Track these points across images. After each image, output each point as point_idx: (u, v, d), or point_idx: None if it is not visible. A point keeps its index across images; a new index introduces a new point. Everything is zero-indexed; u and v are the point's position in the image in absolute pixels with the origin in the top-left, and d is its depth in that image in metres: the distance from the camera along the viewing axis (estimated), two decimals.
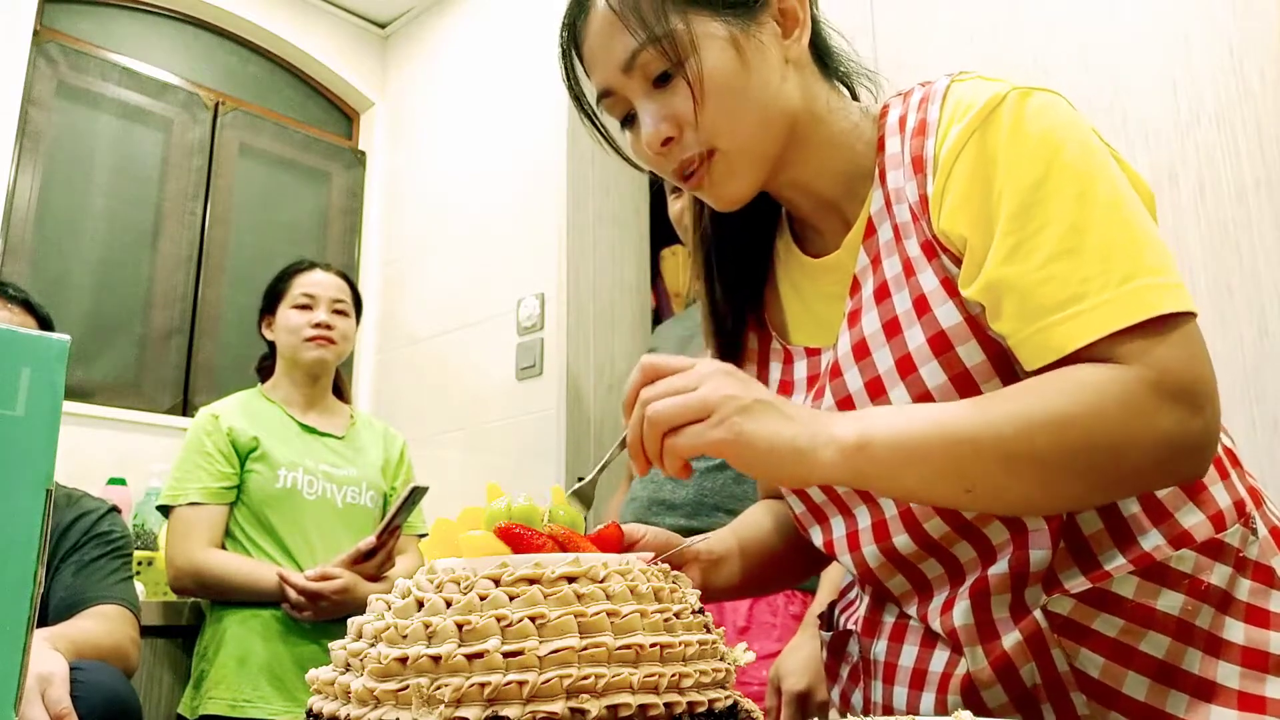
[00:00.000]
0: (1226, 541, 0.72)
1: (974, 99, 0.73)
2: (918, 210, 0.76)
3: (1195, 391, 0.66)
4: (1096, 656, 0.71)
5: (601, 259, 2.75)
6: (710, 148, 0.79)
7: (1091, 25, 1.74)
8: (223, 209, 3.09)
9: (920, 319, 0.75)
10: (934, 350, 0.74)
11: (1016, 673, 0.73)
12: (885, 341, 0.77)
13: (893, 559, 0.81)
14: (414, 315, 3.19)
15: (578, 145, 2.78)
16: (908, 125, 0.78)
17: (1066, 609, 0.72)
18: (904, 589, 0.83)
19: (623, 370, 2.66)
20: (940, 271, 0.75)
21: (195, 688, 1.97)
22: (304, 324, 2.12)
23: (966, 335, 0.73)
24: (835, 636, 0.92)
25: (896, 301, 0.77)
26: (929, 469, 0.66)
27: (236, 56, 3.31)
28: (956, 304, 0.74)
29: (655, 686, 0.53)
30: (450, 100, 3.25)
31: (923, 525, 0.78)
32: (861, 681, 0.87)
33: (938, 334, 0.74)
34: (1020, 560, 0.74)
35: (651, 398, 0.68)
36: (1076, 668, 0.71)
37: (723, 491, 1.66)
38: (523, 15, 3.03)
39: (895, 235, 0.78)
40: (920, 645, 0.81)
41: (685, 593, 0.62)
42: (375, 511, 2.16)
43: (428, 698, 0.51)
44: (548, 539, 0.61)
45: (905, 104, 0.81)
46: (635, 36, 0.77)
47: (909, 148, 0.77)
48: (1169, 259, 0.69)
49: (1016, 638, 0.73)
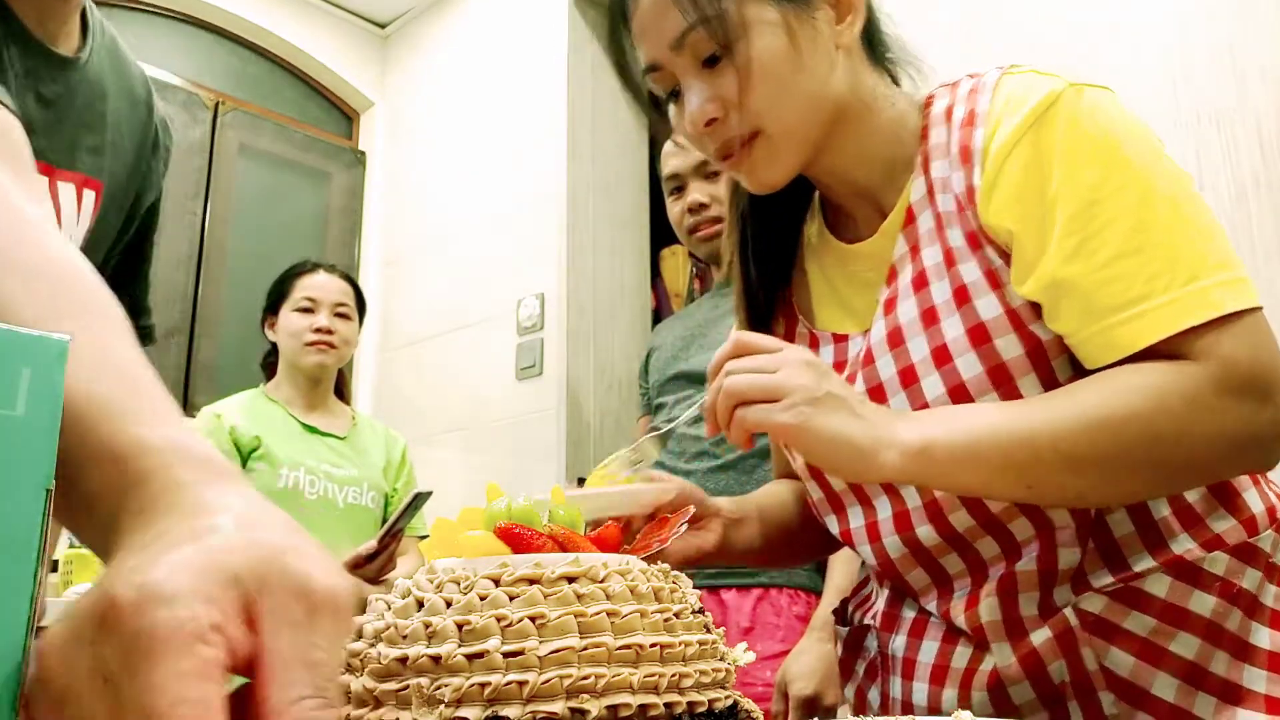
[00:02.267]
0: (1259, 546, 0.72)
1: (1027, 94, 0.73)
2: (964, 200, 0.75)
3: (1264, 383, 0.65)
4: (1126, 656, 0.71)
5: (601, 259, 2.75)
6: (754, 130, 0.78)
7: (1091, 25, 1.74)
8: (223, 209, 3.09)
9: (960, 309, 0.75)
10: (972, 342, 0.74)
11: (1045, 670, 0.73)
12: (922, 330, 0.77)
13: (914, 551, 0.81)
14: (414, 315, 3.19)
15: (578, 145, 2.78)
16: (955, 116, 0.78)
17: (1098, 607, 0.72)
18: (924, 582, 0.82)
19: (623, 370, 2.66)
20: (984, 263, 0.74)
21: None
22: (305, 328, 2.12)
23: (1006, 328, 0.73)
24: (852, 632, 0.92)
25: (935, 291, 0.77)
26: (989, 470, 0.68)
27: (236, 56, 3.31)
28: (999, 297, 0.74)
29: (655, 686, 0.53)
30: (450, 100, 3.25)
31: (947, 517, 0.78)
32: (879, 678, 0.87)
33: (977, 325, 0.74)
34: (1048, 558, 0.74)
35: (734, 370, 0.71)
36: (1106, 667, 0.71)
37: (724, 492, 1.66)
38: (523, 15, 3.03)
39: (937, 224, 0.78)
40: (941, 640, 0.80)
41: (685, 593, 0.62)
42: (376, 512, 2.16)
43: (428, 698, 0.51)
44: (548, 539, 0.61)
45: (953, 94, 0.80)
46: (686, 16, 0.76)
47: (957, 138, 0.77)
48: (1231, 252, 0.69)
49: (1047, 635, 0.73)
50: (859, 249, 0.86)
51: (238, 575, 0.30)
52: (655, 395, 1.93)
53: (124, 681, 0.28)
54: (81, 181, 0.87)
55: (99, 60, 0.91)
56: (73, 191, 0.86)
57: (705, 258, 1.91)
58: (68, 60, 0.86)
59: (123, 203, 0.95)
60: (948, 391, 0.75)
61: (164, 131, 1.03)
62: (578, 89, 2.84)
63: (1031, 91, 0.73)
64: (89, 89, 0.89)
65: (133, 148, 0.95)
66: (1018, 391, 0.73)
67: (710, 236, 1.85)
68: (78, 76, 0.87)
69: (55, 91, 0.84)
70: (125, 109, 0.95)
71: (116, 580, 0.29)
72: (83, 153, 0.88)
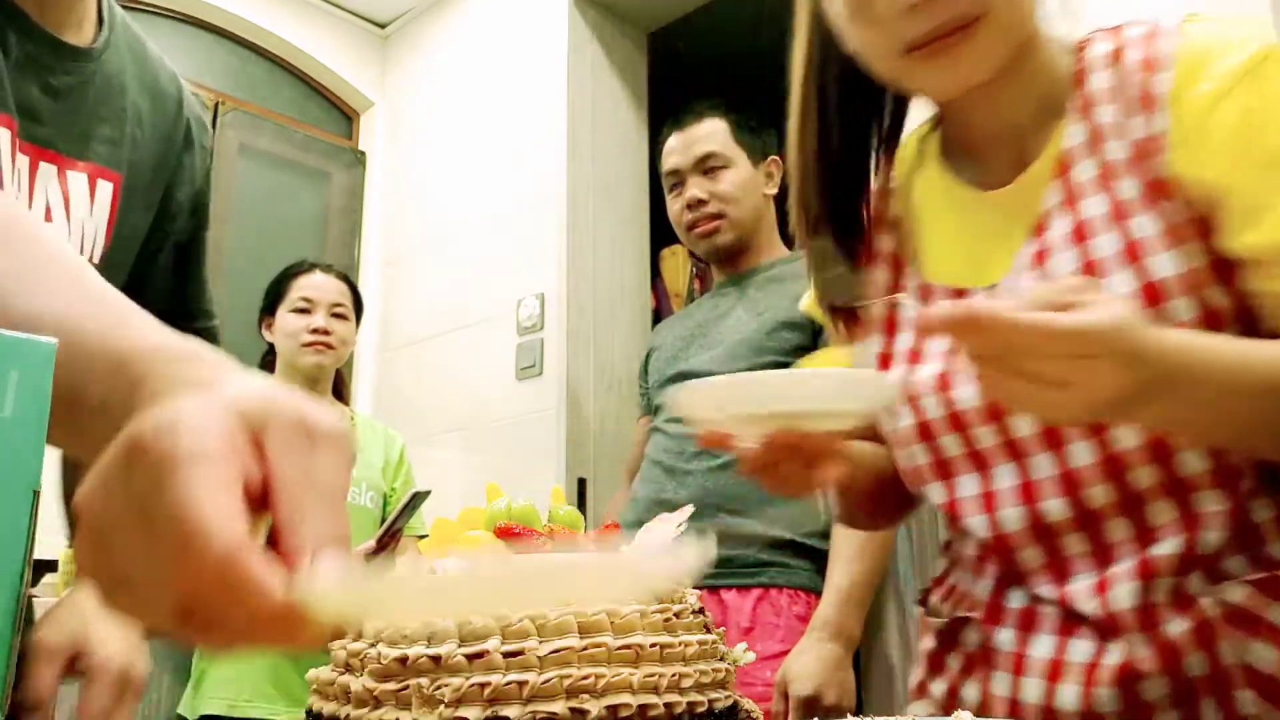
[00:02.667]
0: None
1: (1226, 42, 0.69)
2: (1143, 148, 0.71)
3: None
4: (1270, 650, 0.66)
5: (601, 259, 2.75)
6: (985, 10, 0.71)
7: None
8: (222, 209, 3.09)
9: (1131, 265, 0.70)
10: (1145, 302, 0.69)
11: (1181, 664, 0.68)
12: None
13: (1034, 526, 0.75)
14: (414, 315, 3.19)
15: (578, 145, 2.78)
16: (1126, 59, 0.74)
17: (1240, 597, 0.67)
18: (1037, 563, 0.76)
19: (623, 370, 2.66)
20: (1166, 217, 0.70)
21: (195, 688, 1.97)
22: (301, 329, 2.11)
23: (1182, 289, 0.68)
24: (949, 624, 0.85)
25: (1100, 244, 0.72)
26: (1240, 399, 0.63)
27: (236, 56, 3.31)
28: (1179, 254, 0.69)
29: (655, 686, 0.53)
30: (450, 100, 3.25)
31: (1083, 490, 0.73)
32: (979, 673, 0.81)
33: (1149, 285, 0.69)
34: (1191, 543, 0.69)
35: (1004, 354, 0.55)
36: (1247, 662, 0.67)
37: (724, 492, 1.66)
38: (523, 15, 3.03)
39: (1103, 174, 0.73)
40: (1057, 633, 0.75)
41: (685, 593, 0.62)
42: (375, 512, 2.15)
43: (428, 698, 0.51)
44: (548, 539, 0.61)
45: (1118, 38, 0.76)
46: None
47: (1134, 83, 0.72)
48: None
49: (1185, 625, 0.68)
50: (996, 196, 0.80)
51: (244, 412, 0.34)
52: (655, 395, 1.93)
53: (155, 503, 0.31)
54: (95, 172, 0.87)
55: (117, 55, 0.91)
56: (84, 181, 0.86)
57: (704, 255, 1.90)
58: (78, 50, 0.86)
59: (150, 197, 0.95)
60: None
61: (199, 129, 1.03)
62: (578, 89, 2.83)
63: (1232, 41, 0.69)
64: (105, 81, 0.88)
65: (157, 141, 0.95)
66: None
67: (709, 233, 1.84)
68: (91, 68, 0.87)
69: (65, 82, 0.84)
70: (148, 104, 0.94)
71: (138, 426, 0.32)
72: (97, 144, 0.88)
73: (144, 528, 0.31)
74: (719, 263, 1.93)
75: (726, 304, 1.87)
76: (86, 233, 0.86)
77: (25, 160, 0.81)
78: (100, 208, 0.88)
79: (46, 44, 0.83)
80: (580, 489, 2.52)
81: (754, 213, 1.87)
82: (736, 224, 1.84)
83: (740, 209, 1.84)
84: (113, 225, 0.89)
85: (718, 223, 1.83)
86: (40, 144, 0.82)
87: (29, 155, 0.81)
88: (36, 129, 0.82)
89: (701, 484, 1.68)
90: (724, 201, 1.83)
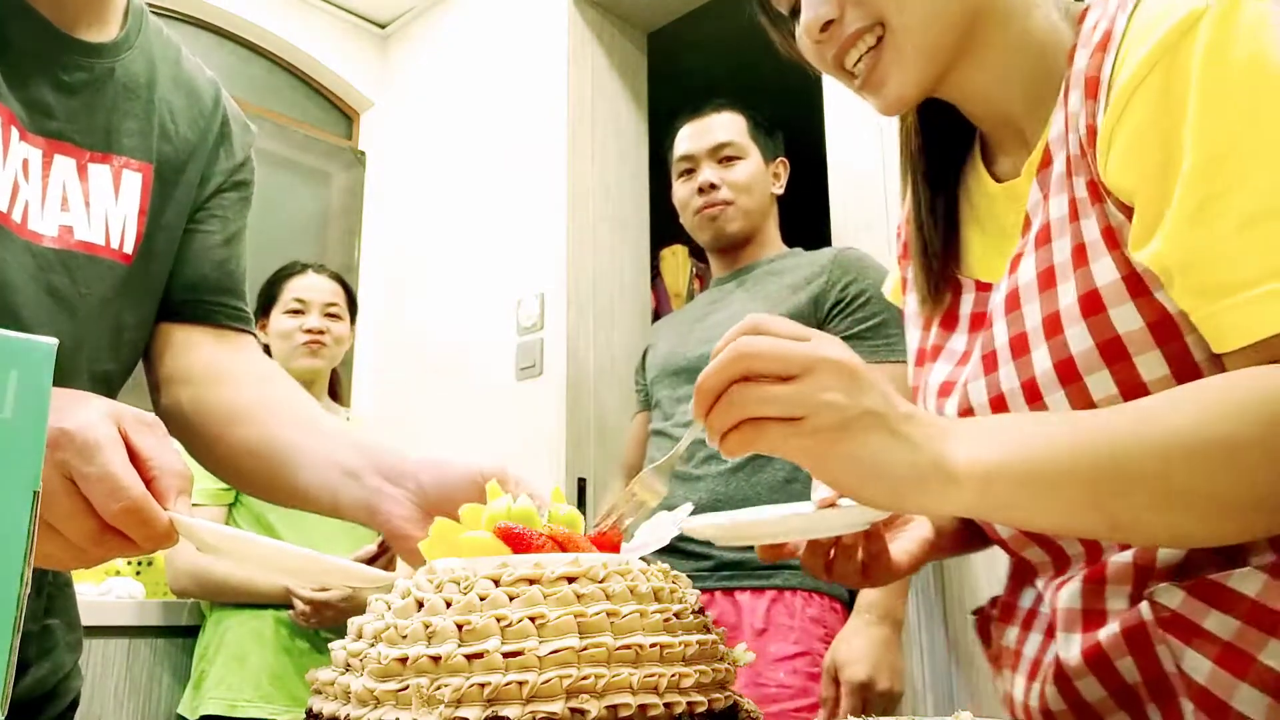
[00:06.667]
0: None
1: (1167, 13, 0.60)
2: (1086, 144, 0.65)
3: None
4: (1204, 660, 0.61)
5: (601, 259, 2.75)
6: (877, 19, 0.70)
7: None
8: None
9: (1075, 272, 0.65)
10: (1083, 311, 0.64)
11: (1112, 666, 0.66)
12: (1037, 294, 0.68)
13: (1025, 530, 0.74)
14: (414, 315, 3.19)
15: (578, 145, 2.78)
16: (1094, 37, 0.66)
17: (1175, 602, 0.62)
18: (1041, 559, 0.75)
19: (623, 370, 2.65)
20: (1103, 219, 0.64)
21: (195, 688, 1.97)
22: (295, 329, 2.11)
23: (1123, 296, 0.63)
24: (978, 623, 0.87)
25: (1056, 249, 0.67)
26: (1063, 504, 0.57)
27: (236, 56, 3.31)
28: (1116, 259, 0.63)
29: (655, 687, 0.53)
30: (450, 100, 3.25)
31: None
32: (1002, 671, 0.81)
33: (1090, 293, 0.64)
34: (1147, 551, 0.66)
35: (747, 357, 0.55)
36: (1184, 671, 0.62)
37: (736, 495, 1.65)
38: (523, 15, 3.03)
39: (1067, 169, 0.67)
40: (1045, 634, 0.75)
41: (685, 593, 0.62)
42: None
43: (428, 698, 0.51)
44: (547, 539, 0.61)
45: (1103, 8, 0.67)
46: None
47: (1089, 64, 0.65)
48: None
49: (1114, 629, 0.66)
50: (1004, 189, 0.77)
51: (111, 413, 0.58)
52: (653, 391, 1.93)
53: (84, 470, 0.55)
54: (122, 164, 0.88)
55: (143, 53, 0.91)
56: (108, 173, 0.87)
57: (708, 242, 1.90)
58: (91, 46, 0.86)
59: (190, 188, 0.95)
60: (1054, 366, 0.66)
61: (241, 129, 1.04)
62: (578, 89, 2.83)
63: (1173, 10, 0.59)
64: (128, 77, 0.89)
65: (191, 133, 0.96)
66: (1135, 371, 0.63)
67: (717, 216, 1.85)
68: (107, 64, 0.87)
69: (79, 78, 0.84)
70: (182, 100, 0.95)
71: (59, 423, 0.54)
72: (123, 137, 0.88)
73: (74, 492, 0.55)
74: (720, 253, 1.93)
75: (724, 298, 1.88)
76: (113, 222, 0.87)
77: (37, 152, 0.81)
78: (128, 198, 0.88)
79: (57, 40, 0.83)
80: (580, 489, 2.52)
81: (761, 207, 1.89)
82: (745, 213, 1.86)
83: (750, 199, 1.86)
84: (145, 213, 0.90)
85: (728, 208, 1.85)
86: (54, 137, 0.83)
87: (40, 148, 0.82)
88: (48, 123, 0.82)
89: (712, 488, 1.67)
90: (736, 190, 1.85)
